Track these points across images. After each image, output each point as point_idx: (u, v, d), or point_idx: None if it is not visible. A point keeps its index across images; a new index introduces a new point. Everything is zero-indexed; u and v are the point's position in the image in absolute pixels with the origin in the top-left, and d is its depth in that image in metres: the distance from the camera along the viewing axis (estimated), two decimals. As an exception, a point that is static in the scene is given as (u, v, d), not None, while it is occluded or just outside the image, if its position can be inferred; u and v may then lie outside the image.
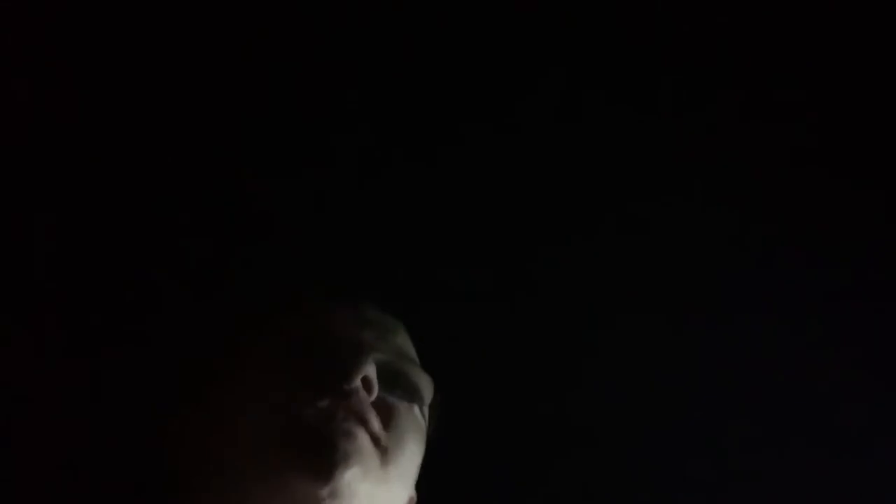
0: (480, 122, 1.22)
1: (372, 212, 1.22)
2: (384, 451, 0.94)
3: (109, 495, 1.02)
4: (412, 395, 0.99)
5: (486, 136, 1.22)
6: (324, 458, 0.89)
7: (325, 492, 0.89)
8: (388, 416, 0.95)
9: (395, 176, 1.23)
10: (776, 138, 1.21)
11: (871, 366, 1.25)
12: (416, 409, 1.00)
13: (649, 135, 1.21)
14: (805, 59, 1.17)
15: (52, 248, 1.16)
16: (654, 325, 1.27)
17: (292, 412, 0.91)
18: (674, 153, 1.22)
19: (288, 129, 1.22)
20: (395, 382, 0.98)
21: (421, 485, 1.02)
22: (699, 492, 1.23)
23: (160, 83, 1.20)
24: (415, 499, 1.02)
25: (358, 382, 0.93)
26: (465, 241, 1.24)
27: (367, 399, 0.94)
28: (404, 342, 1.03)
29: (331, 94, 1.22)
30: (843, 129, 1.21)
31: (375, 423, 0.93)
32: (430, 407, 1.02)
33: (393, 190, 1.22)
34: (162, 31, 1.19)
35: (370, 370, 0.94)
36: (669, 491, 1.24)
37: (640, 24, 1.17)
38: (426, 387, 1.01)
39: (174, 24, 1.19)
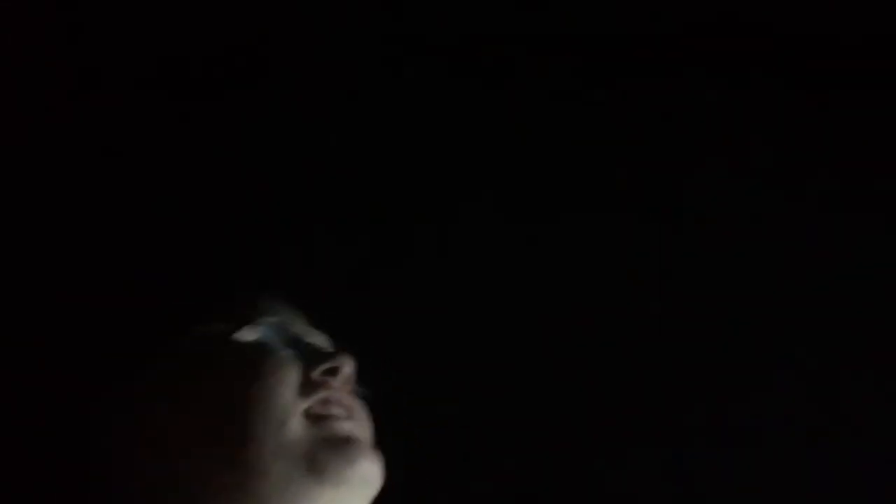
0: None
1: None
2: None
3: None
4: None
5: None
6: (362, 464, 0.91)
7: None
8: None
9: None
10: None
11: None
12: None
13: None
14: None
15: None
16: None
17: (291, 411, 0.91)
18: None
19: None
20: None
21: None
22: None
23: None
24: None
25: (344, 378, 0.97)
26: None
27: (347, 392, 0.97)
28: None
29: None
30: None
31: (357, 415, 0.97)
32: None
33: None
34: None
35: (352, 365, 0.98)
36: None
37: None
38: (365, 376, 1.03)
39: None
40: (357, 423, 0.95)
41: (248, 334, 0.96)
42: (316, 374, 0.94)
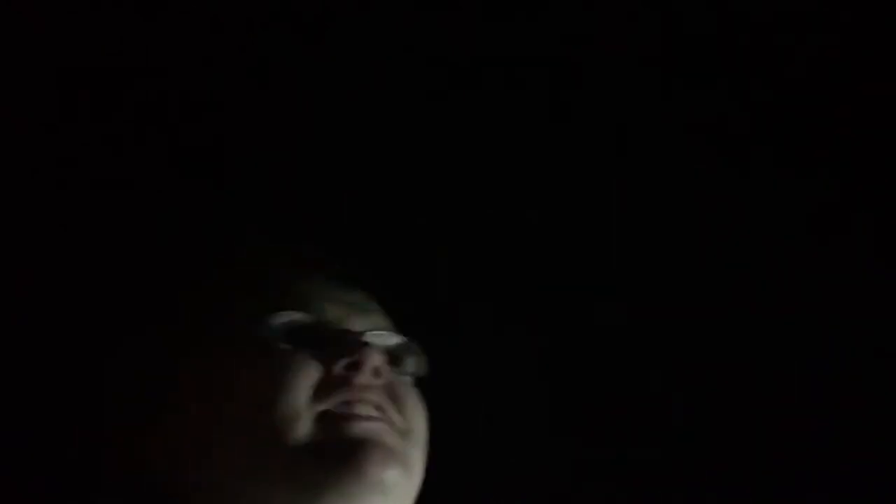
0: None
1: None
2: (405, 437, 0.89)
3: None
4: (411, 368, 0.94)
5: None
6: (367, 470, 0.85)
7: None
8: (396, 396, 0.90)
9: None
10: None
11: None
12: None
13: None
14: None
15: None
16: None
17: (302, 415, 0.86)
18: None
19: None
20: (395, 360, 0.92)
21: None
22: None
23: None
24: None
25: (369, 372, 0.88)
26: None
27: (379, 386, 0.89)
28: (379, 312, 0.96)
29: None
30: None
31: (393, 412, 0.89)
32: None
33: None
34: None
35: (379, 356, 0.89)
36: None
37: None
38: (420, 355, 0.95)
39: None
40: (384, 425, 0.88)
41: (269, 323, 0.90)
42: (336, 370, 0.88)
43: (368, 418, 0.87)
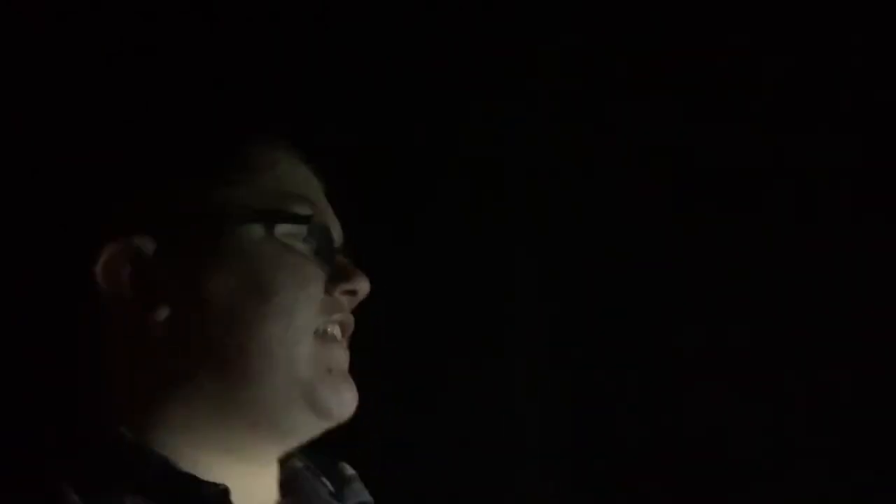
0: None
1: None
2: None
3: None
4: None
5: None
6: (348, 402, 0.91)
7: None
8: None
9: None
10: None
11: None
12: None
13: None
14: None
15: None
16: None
17: (310, 327, 0.89)
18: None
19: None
20: None
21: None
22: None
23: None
24: None
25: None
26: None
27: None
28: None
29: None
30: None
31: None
32: None
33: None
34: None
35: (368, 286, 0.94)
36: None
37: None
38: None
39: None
40: (347, 351, 0.93)
41: (288, 230, 0.91)
42: (337, 293, 0.91)
43: (340, 344, 0.92)
